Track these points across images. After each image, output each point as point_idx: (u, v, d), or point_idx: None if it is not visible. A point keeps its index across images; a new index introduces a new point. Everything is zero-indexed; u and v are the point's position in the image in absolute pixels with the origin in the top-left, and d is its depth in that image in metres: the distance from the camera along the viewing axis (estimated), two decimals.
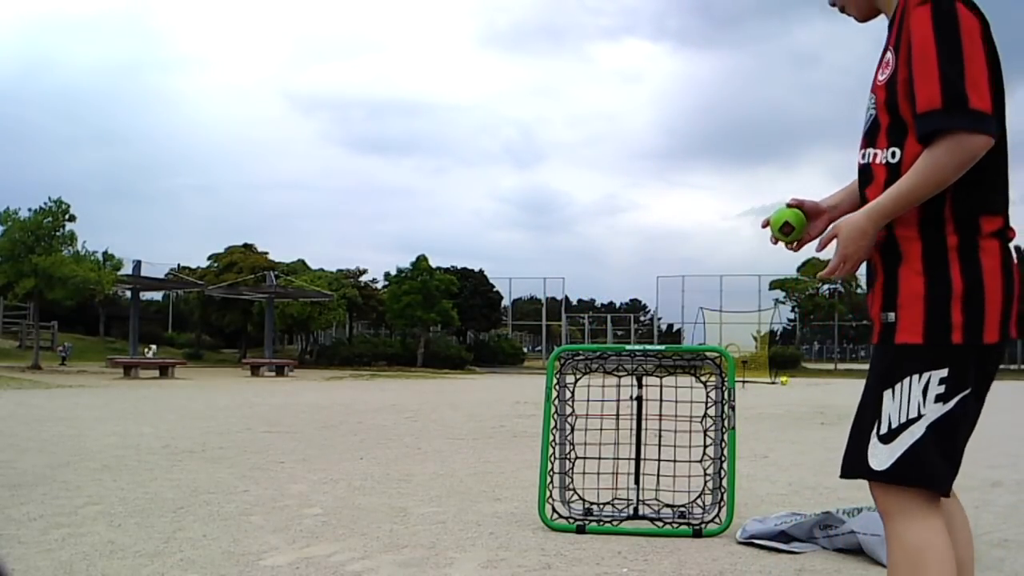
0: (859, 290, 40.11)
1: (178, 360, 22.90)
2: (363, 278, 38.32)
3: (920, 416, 1.44)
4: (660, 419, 3.21)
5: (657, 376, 3.29)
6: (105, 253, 22.77)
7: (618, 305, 67.74)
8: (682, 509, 3.18)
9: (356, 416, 8.83)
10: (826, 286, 40.72)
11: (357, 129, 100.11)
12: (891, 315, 1.48)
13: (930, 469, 1.44)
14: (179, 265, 34.78)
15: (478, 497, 3.86)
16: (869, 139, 1.58)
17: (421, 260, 32.52)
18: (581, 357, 3.37)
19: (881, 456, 1.46)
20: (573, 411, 3.29)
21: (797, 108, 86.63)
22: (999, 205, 1.49)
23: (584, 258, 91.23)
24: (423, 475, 4.55)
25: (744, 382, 18.52)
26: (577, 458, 3.29)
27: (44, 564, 2.58)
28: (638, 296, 69.37)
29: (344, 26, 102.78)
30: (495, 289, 40.16)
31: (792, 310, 42.44)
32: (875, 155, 1.54)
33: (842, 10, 1.71)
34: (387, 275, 36.00)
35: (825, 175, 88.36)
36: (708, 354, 3.31)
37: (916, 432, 1.44)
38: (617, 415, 3.27)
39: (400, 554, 2.77)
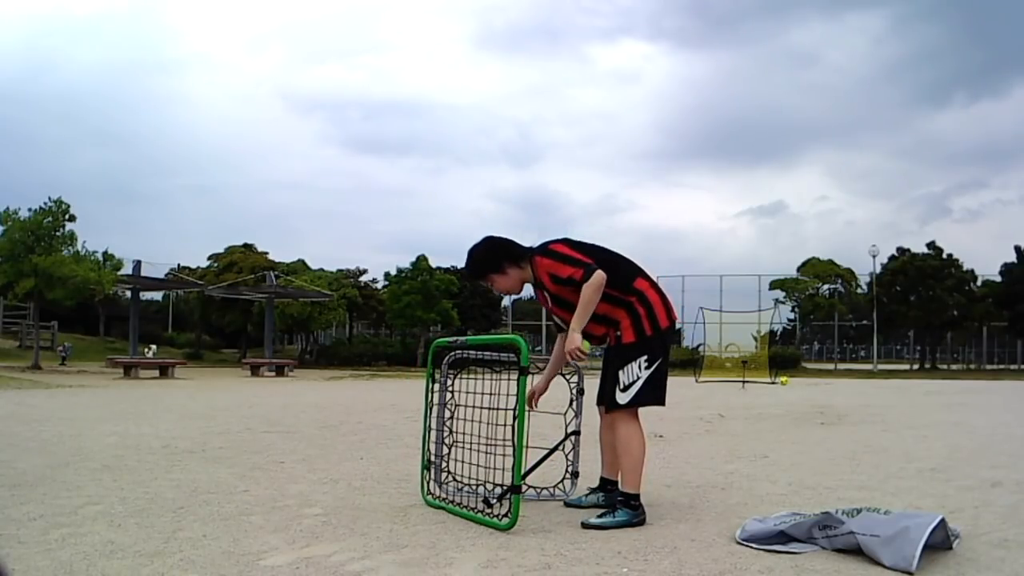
0: (859, 290, 40.16)
1: (178, 360, 22.88)
2: (363, 278, 38.36)
3: (639, 378, 3.23)
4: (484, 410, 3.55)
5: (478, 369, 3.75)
6: (105, 253, 22.75)
7: None
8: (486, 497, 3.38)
9: (356, 416, 8.83)
10: (826, 285, 40.75)
11: (355, 129, 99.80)
12: (618, 333, 3.28)
13: (644, 399, 3.24)
14: (179, 265, 34.83)
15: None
16: (563, 313, 3.34)
17: (421, 260, 32.53)
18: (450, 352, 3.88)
19: (623, 397, 3.24)
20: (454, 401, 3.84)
21: (795, 108, 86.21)
22: (636, 274, 3.34)
23: None
24: None
25: (744, 382, 18.54)
26: (454, 444, 3.75)
27: (44, 564, 2.59)
28: None
29: (341, 27, 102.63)
30: None
31: (792, 310, 42.41)
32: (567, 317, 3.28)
33: (496, 290, 3.48)
34: (387, 275, 36.04)
35: (823, 174, 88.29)
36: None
37: (638, 384, 3.23)
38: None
39: (400, 554, 2.77)
